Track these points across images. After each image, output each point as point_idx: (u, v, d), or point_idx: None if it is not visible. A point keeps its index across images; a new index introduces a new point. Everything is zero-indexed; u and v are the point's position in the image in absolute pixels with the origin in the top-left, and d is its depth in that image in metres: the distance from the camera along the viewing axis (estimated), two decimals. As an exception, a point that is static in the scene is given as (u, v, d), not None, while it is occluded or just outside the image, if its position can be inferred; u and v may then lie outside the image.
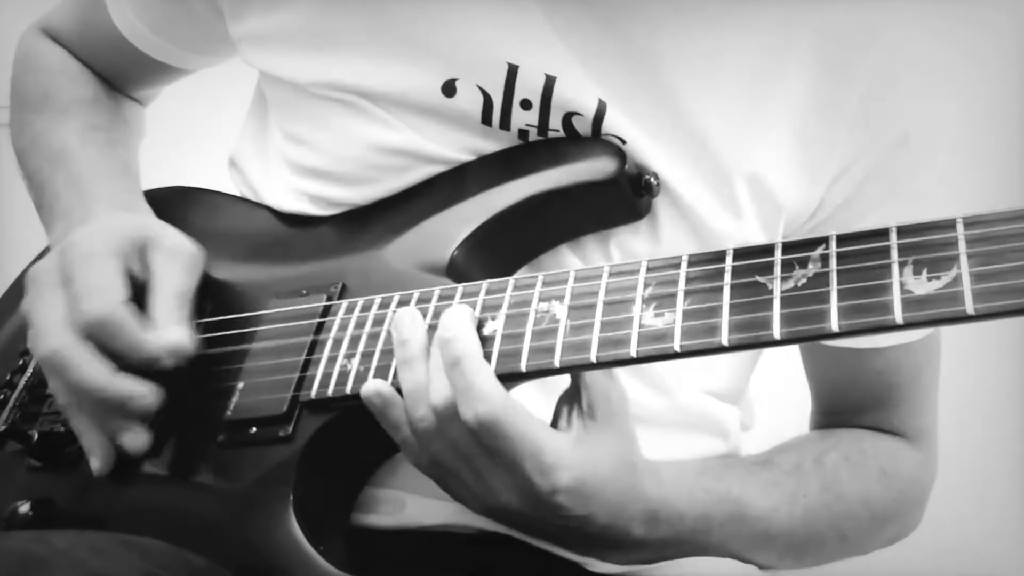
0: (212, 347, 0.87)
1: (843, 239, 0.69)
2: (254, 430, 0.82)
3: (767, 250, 0.71)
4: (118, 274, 0.83)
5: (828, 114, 0.87)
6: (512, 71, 0.85)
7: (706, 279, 0.71)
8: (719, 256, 0.72)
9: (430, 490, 0.79)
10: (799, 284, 0.68)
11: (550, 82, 0.85)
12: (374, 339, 0.80)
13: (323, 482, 0.81)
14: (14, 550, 0.71)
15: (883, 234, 0.67)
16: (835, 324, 0.65)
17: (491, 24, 0.85)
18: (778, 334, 0.67)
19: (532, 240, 0.87)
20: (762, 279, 0.69)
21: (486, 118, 0.86)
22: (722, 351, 0.69)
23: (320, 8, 0.89)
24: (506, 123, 0.86)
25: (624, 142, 0.85)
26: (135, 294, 0.84)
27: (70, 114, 1.05)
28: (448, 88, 0.86)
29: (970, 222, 0.65)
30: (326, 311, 0.85)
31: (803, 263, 0.69)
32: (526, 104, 0.85)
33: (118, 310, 0.81)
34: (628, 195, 0.84)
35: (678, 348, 0.69)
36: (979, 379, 1.55)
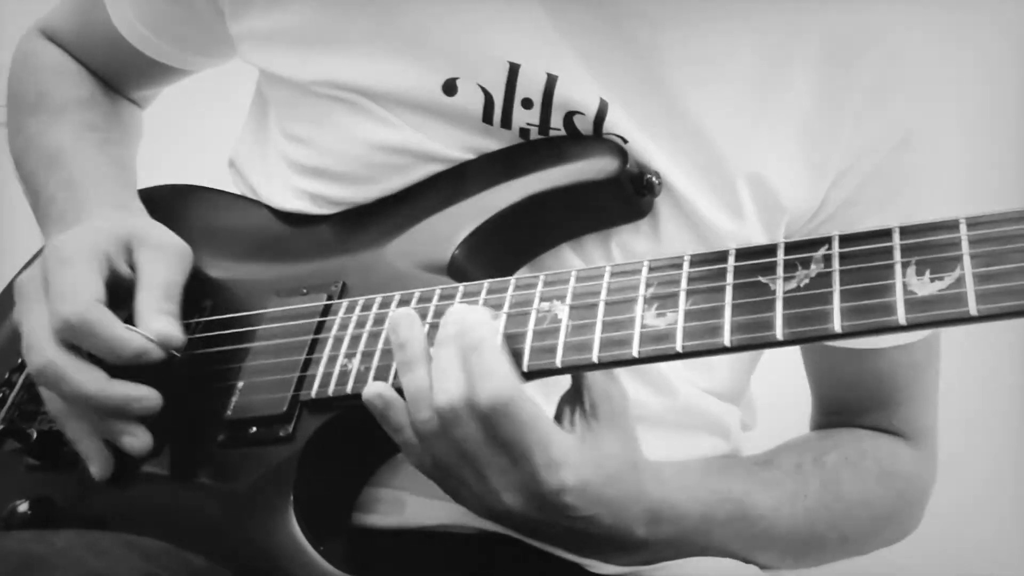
0: (212, 346, 0.87)
1: (846, 239, 0.68)
2: (254, 430, 0.81)
3: (769, 250, 0.70)
4: (93, 274, 0.82)
5: (830, 114, 0.87)
6: (513, 70, 0.85)
7: (708, 279, 0.71)
8: (721, 256, 0.72)
9: (430, 490, 0.78)
10: (802, 284, 0.68)
11: (551, 81, 0.84)
12: (375, 338, 0.80)
13: (323, 482, 0.81)
14: (14, 550, 0.71)
15: (886, 234, 0.67)
16: (838, 325, 0.65)
17: (492, 23, 0.85)
18: (780, 335, 0.67)
19: (533, 239, 0.87)
20: (764, 279, 0.69)
21: (487, 117, 0.86)
22: (724, 352, 0.68)
23: (321, 6, 0.89)
24: (507, 122, 0.86)
25: (626, 141, 0.85)
26: (125, 293, 0.83)
27: (66, 115, 1.04)
28: (449, 87, 0.86)
29: (973, 223, 0.65)
30: (326, 310, 0.84)
31: (806, 263, 0.69)
32: (527, 103, 0.85)
33: (90, 309, 0.79)
34: (630, 194, 0.84)
35: (680, 349, 0.69)
36: (979, 379, 1.55)
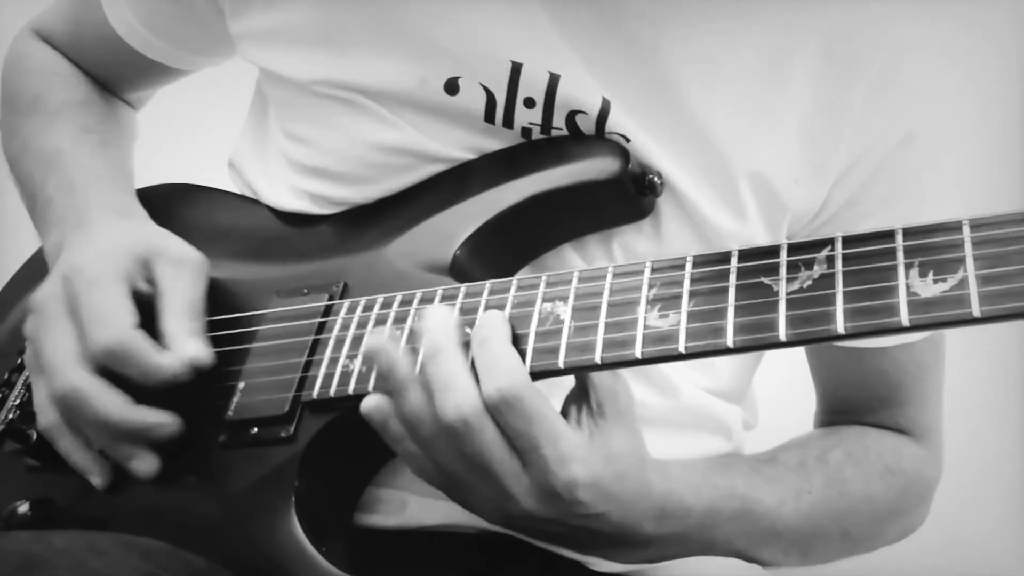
0: (213, 346, 0.86)
1: (849, 240, 0.68)
2: (255, 430, 0.81)
3: (772, 251, 0.70)
4: (124, 298, 0.83)
5: (832, 114, 0.87)
6: (516, 69, 0.84)
7: (711, 280, 0.71)
8: (724, 257, 0.72)
9: (432, 490, 0.78)
10: (805, 286, 0.68)
11: (554, 80, 0.84)
12: (376, 339, 0.80)
13: (325, 483, 0.81)
14: (14, 550, 0.70)
15: (889, 236, 0.67)
16: (841, 326, 0.65)
17: (495, 22, 0.85)
18: (784, 336, 0.67)
19: (535, 239, 0.86)
20: (767, 280, 0.69)
21: (489, 116, 0.86)
22: (727, 353, 0.68)
23: (322, 5, 0.88)
24: (509, 121, 0.86)
25: (628, 141, 0.85)
26: (144, 309, 0.84)
27: (61, 117, 1.03)
28: (451, 86, 0.86)
29: (976, 224, 0.65)
30: (328, 311, 0.84)
31: (809, 264, 0.68)
32: (530, 102, 0.85)
33: (128, 337, 0.80)
34: (632, 194, 0.84)
35: (683, 350, 0.69)
36: (979, 378, 1.55)
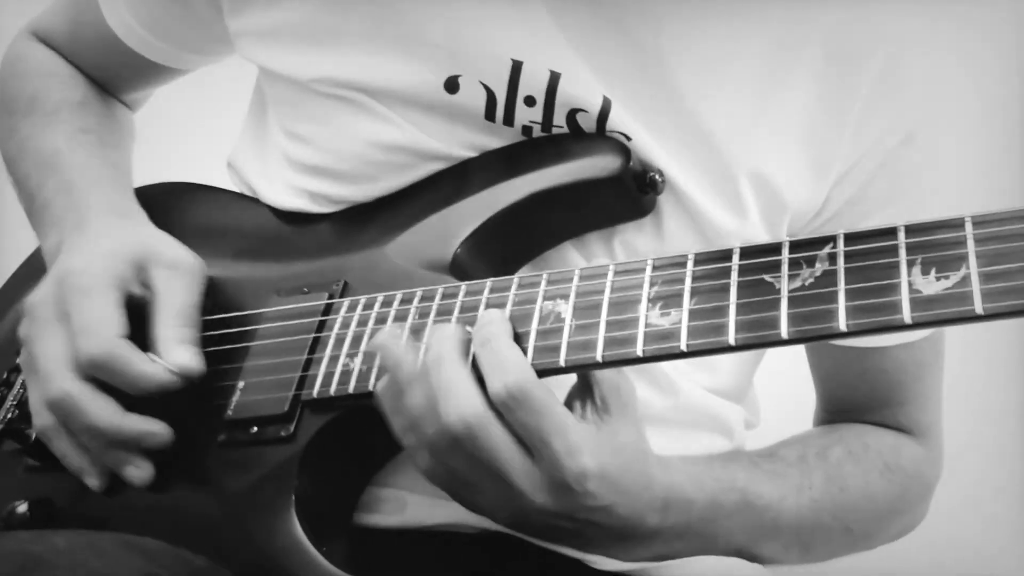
0: (212, 345, 0.86)
1: (851, 238, 0.68)
2: (255, 429, 0.81)
3: (774, 249, 0.70)
4: (114, 307, 0.82)
5: (833, 113, 0.87)
6: (516, 67, 0.84)
7: (712, 278, 0.71)
8: (725, 255, 0.71)
9: (432, 489, 0.78)
10: (806, 283, 0.68)
11: (555, 79, 0.84)
12: (376, 338, 0.79)
13: (325, 482, 0.80)
14: (14, 550, 0.70)
15: (891, 233, 0.67)
16: (843, 324, 0.65)
17: (495, 20, 0.85)
18: (785, 333, 0.66)
19: (536, 237, 0.86)
20: (769, 278, 0.69)
21: (490, 114, 0.86)
22: (729, 351, 0.68)
23: (323, 3, 0.88)
24: (510, 119, 0.86)
25: (629, 139, 0.85)
26: (139, 314, 0.83)
27: (59, 118, 1.03)
28: (451, 84, 0.86)
29: (979, 221, 0.65)
30: (328, 309, 0.84)
31: (810, 262, 0.68)
32: (530, 101, 0.85)
33: (116, 347, 0.80)
34: (633, 192, 0.84)
35: (684, 347, 0.69)
36: (979, 378, 1.55)
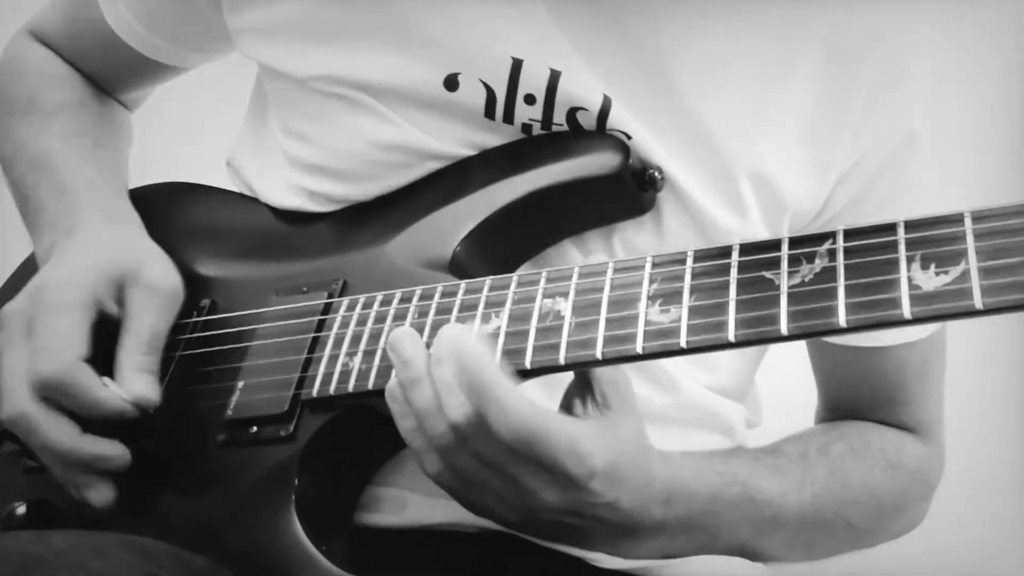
0: (211, 345, 0.86)
1: (850, 234, 0.68)
2: (255, 429, 0.81)
3: (774, 245, 0.70)
4: (81, 326, 0.82)
5: (834, 113, 0.87)
6: (516, 65, 0.84)
7: (712, 275, 0.71)
8: (725, 251, 0.71)
9: (433, 489, 0.78)
10: (806, 279, 0.68)
11: (555, 77, 0.84)
12: (376, 337, 0.79)
13: (325, 481, 0.80)
14: (13, 551, 0.70)
15: (891, 228, 0.67)
16: (843, 319, 0.65)
17: (495, 18, 0.85)
18: (785, 330, 0.66)
19: (535, 235, 0.86)
20: (769, 274, 0.69)
21: (489, 112, 0.86)
22: (729, 347, 0.68)
23: (323, 1, 0.88)
24: (509, 117, 0.86)
25: (629, 137, 0.85)
26: (112, 330, 0.83)
27: (55, 119, 1.03)
28: (451, 82, 0.86)
29: (978, 216, 0.65)
30: (327, 308, 0.84)
31: (810, 258, 0.68)
32: (530, 99, 0.85)
33: (71, 370, 0.79)
34: (632, 190, 0.84)
35: (684, 344, 0.69)
36: (980, 378, 1.55)
